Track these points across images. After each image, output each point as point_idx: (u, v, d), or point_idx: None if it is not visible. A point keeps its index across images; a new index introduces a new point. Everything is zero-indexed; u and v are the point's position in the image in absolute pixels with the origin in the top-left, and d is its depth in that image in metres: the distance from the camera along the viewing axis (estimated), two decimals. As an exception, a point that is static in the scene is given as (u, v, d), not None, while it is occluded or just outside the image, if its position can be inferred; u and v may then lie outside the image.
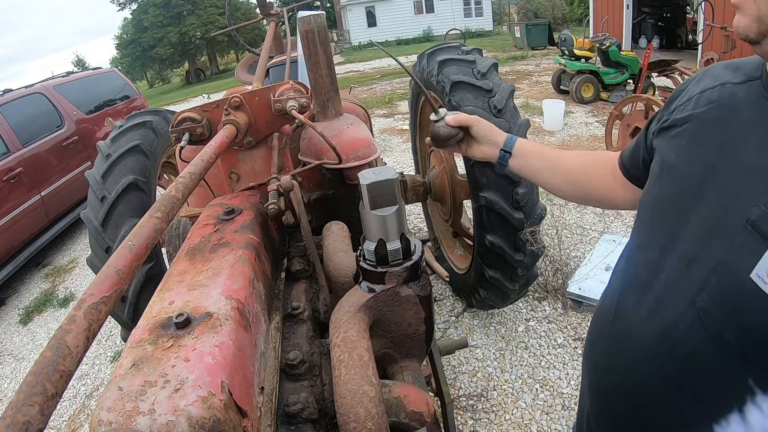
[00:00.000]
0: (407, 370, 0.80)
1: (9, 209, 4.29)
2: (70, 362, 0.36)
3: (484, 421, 2.05)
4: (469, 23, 23.38)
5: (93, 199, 2.16)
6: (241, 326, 0.63)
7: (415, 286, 0.74)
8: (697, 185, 0.60)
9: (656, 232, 0.67)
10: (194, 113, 1.16)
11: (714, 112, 0.62)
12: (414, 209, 4.01)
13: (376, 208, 0.68)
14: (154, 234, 0.55)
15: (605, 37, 7.11)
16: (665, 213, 0.65)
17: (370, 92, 10.62)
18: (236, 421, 0.51)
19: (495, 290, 2.16)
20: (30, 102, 5.11)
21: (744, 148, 0.56)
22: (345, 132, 1.49)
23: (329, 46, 1.52)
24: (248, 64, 3.75)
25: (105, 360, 3.05)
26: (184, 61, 31.81)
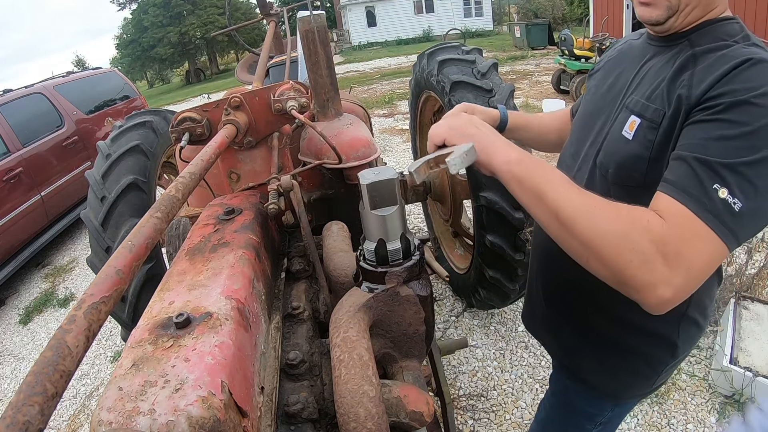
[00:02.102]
0: (407, 370, 0.80)
1: (9, 209, 4.29)
2: (70, 362, 0.36)
3: (484, 421, 2.05)
4: (469, 23, 23.38)
5: (93, 199, 2.16)
6: (241, 326, 0.63)
7: (415, 286, 0.74)
8: (602, 98, 0.91)
9: (578, 134, 0.96)
10: (194, 113, 1.16)
11: (617, 55, 0.94)
12: (414, 209, 4.01)
13: (376, 208, 0.68)
14: (154, 234, 0.55)
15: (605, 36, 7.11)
16: (584, 122, 0.95)
17: (370, 92, 10.62)
18: (236, 421, 0.51)
19: (495, 290, 2.16)
20: (30, 102, 5.11)
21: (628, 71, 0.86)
22: (345, 132, 1.49)
23: (329, 46, 1.52)
24: (248, 64, 3.75)
25: (105, 360, 3.05)
26: (184, 61, 31.82)
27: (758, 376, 1.87)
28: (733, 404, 1.94)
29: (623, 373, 0.96)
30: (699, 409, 1.95)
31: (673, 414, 1.95)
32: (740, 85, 0.64)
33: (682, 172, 0.65)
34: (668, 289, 0.61)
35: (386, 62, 16.88)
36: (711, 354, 2.16)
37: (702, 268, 0.63)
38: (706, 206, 0.62)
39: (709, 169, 0.62)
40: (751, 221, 0.62)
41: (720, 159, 0.62)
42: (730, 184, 0.61)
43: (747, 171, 0.61)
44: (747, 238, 0.64)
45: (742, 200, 0.61)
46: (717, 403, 1.96)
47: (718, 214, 0.61)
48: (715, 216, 0.61)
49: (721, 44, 0.70)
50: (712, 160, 0.62)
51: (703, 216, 0.62)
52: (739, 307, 2.26)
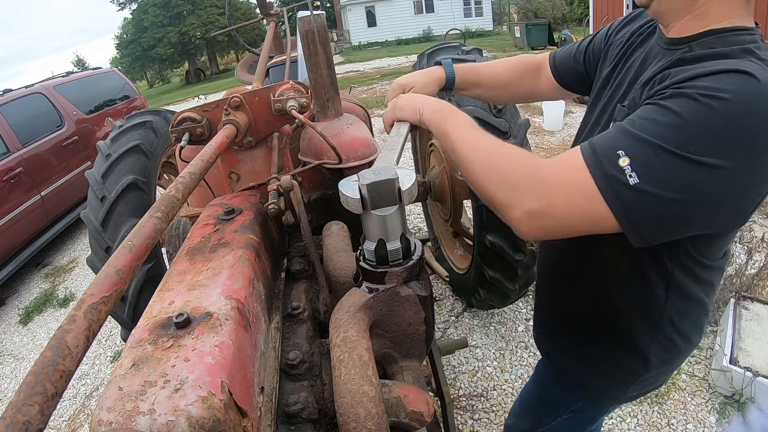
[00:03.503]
0: (407, 370, 0.80)
1: (9, 209, 4.29)
2: (70, 362, 0.36)
3: (484, 421, 2.05)
4: (469, 23, 23.39)
5: (93, 199, 2.16)
6: (241, 326, 0.63)
7: (415, 286, 0.74)
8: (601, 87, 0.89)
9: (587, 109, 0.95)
10: (194, 113, 1.16)
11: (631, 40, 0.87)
12: (414, 209, 4.01)
13: (376, 208, 0.68)
14: (154, 234, 0.55)
15: (605, 37, 7.09)
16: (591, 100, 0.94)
17: (370, 92, 10.62)
18: (236, 421, 0.51)
19: (495, 290, 2.16)
20: (30, 102, 5.11)
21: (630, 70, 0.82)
22: (345, 132, 1.49)
23: (329, 46, 1.52)
24: (248, 64, 3.75)
25: (105, 360, 3.05)
26: (184, 61, 31.82)
27: (758, 376, 1.87)
28: (733, 404, 1.94)
29: (598, 372, 0.98)
30: (699, 409, 1.95)
31: (673, 414, 1.95)
32: (698, 83, 0.60)
33: (605, 134, 0.65)
34: (519, 210, 0.67)
35: (386, 62, 16.87)
36: (711, 354, 2.16)
37: (570, 212, 0.64)
38: (601, 165, 0.61)
39: (625, 136, 0.61)
40: (646, 205, 0.60)
41: (640, 133, 0.60)
42: (636, 157, 0.59)
43: (661, 156, 0.58)
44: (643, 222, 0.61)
45: (641, 178, 0.59)
46: (717, 403, 1.96)
47: (608, 177, 0.60)
48: (605, 178, 0.61)
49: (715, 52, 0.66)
50: (632, 131, 0.61)
51: (593, 171, 0.62)
52: (739, 307, 2.26)
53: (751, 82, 0.57)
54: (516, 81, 1.10)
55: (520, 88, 1.11)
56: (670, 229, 0.63)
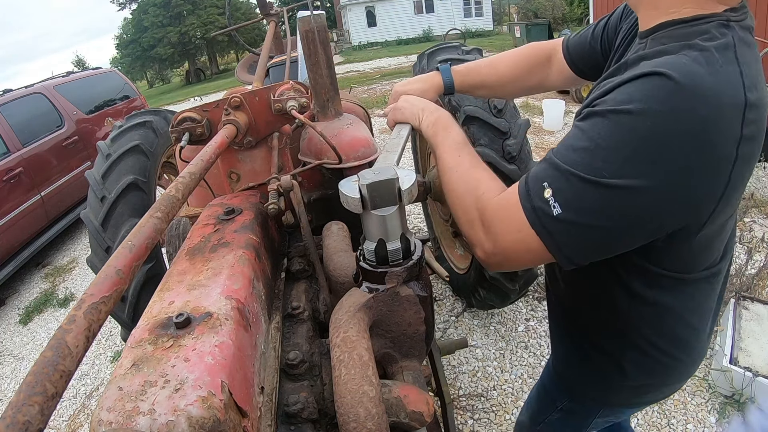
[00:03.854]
0: (407, 370, 0.80)
1: (9, 209, 4.29)
2: (70, 362, 0.36)
3: (484, 421, 2.05)
4: (469, 23, 23.39)
5: (93, 199, 2.16)
6: (241, 326, 0.63)
7: (415, 286, 0.74)
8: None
9: None
10: (194, 113, 1.16)
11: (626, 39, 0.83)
12: (414, 209, 4.01)
13: (376, 208, 0.68)
14: (154, 234, 0.55)
15: (605, 37, 7.09)
16: None
17: (370, 92, 10.61)
18: (236, 421, 0.51)
19: (495, 290, 2.16)
20: (30, 102, 5.11)
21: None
22: (345, 132, 1.49)
23: (329, 46, 1.52)
24: (248, 64, 3.75)
25: (105, 360, 3.05)
26: (184, 61, 31.83)
27: (758, 376, 1.87)
28: (733, 404, 1.94)
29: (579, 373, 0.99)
30: (699, 409, 1.95)
31: (673, 414, 1.95)
32: (609, 96, 0.58)
33: (538, 164, 0.67)
34: (481, 251, 0.71)
35: (386, 62, 16.87)
36: (711, 354, 2.16)
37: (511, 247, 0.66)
38: (530, 198, 0.63)
39: (549, 167, 0.62)
40: (571, 233, 0.61)
41: (560, 162, 0.61)
42: (556, 188, 0.60)
43: (577, 184, 0.58)
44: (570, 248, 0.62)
45: (563, 208, 0.60)
46: (717, 403, 1.96)
47: (535, 209, 0.62)
48: (533, 210, 0.63)
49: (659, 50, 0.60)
50: (555, 160, 0.62)
51: (524, 204, 0.64)
52: (739, 307, 2.26)
53: (662, 86, 0.54)
54: (523, 75, 1.06)
55: (529, 82, 1.07)
56: (596, 252, 0.64)
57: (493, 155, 1.84)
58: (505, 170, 1.84)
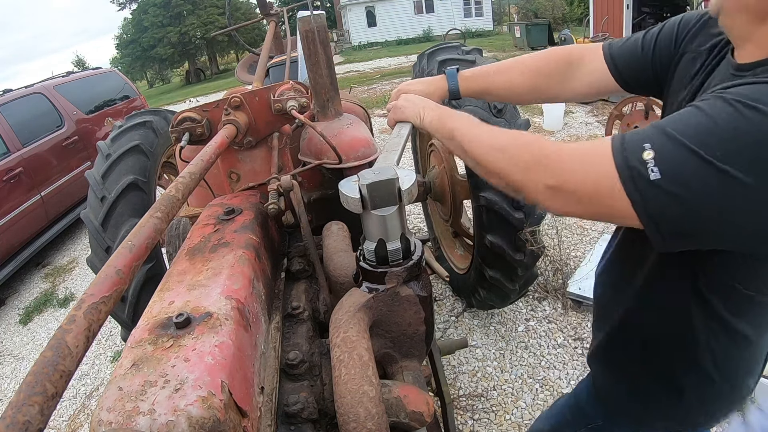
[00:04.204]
0: (407, 370, 0.80)
1: (9, 209, 4.29)
2: (70, 362, 0.36)
3: (484, 421, 2.05)
4: (469, 23, 23.39)
5: (93, 199, 2.16)
6: (241, 326, 0.63)
7: (415, 286, 0.74)
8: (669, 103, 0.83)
9: None
10: (194, 113, 1.16)
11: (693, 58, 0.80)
12: (414, 209, 4.01)
13: (376, 208, 0.68)
14: (154, 234, 0.55)
15: (605, 36, 7.11)
16: None
17: (370, 92, 10.62)
18: (236, 421, 0.51)
19: (495, 290, 2.16)
20: (30, 102, 5.11)
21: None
22: (345, 132, 1.49)
23: (329, 46, 1.52)
24: (248, 64, 3.75)
25: (105, 360, 3.05)
26: (184, 61, 31.83)
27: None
28: (733, 404, 1.94)
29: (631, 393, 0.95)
30: (699, 409, 1.95)
31: (673, 414, 1.95)
32: (739, 90, 0.57)
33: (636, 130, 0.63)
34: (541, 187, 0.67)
35: (386, 62, 16.87)
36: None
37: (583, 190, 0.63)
38: (625, 155, 0.60)
39: (655, 131, 0.59)
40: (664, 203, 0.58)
41: (670, 129, 0.58)
42: (660, 152, 0.57)
43: (682, 153, 0.56)
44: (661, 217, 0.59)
45: (662, 174, 0.57)
46: (717, 403, 1.96)
47: (630, 168, 0.59)
48: (628, 168, 0.59)
49: None
50: (664, 127, 0.59)
51: (616, 158, 0.60)
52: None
53: None
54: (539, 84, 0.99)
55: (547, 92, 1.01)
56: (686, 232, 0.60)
57: (493, 155, 1.84)
58: (505, 170, 1.84)
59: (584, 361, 2.27)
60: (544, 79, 0.98)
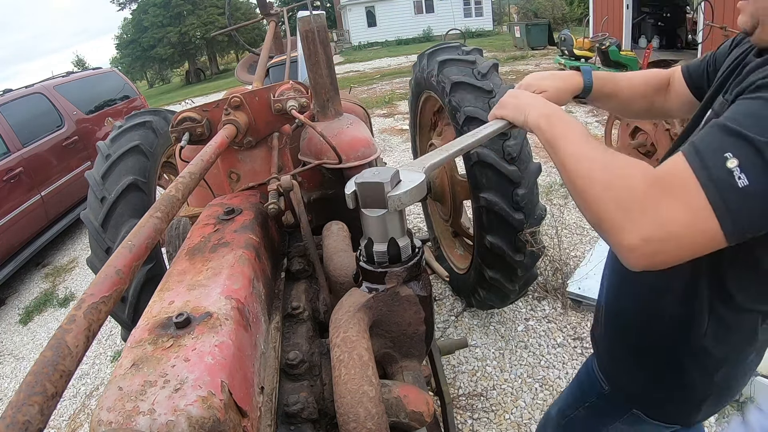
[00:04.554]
0: (407, 370, 0.80)
1: (9, 209, 4.29)
2: (70, 362, 0.36)
3: (484, 421, 2.05)
4: (469, 23, 23.39)
5: (93, 199, 2.16)
6: (241, 326, 0.63)
7: (415, 286, 0.74)
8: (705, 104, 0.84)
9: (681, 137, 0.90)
10: (194, 113, 1.16)
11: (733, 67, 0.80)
12: (414, 209, 4.01)
13: (365, 207, 0.68)
14: (154, 234, 0.55)
15: (605, 37, 7.12)
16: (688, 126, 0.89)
17: (370, 92, 10.62)
18: (236, 421, 0.51)
19: (495, 290, 2.16)
20: (30, 102, 5.11)
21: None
22: (345, 132, 1.49)
23: (329, 46, 1.52)
24: (248, 64, 3.75)
25: (105, 360, 3.05)
26: (184, 61, 31.83)
27: (758, 376, 1.87)
28: (733, 404, 1.94)
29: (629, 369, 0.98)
30: (699, 409, 1.95)
31: (672, 414, 1.95)
32: None
33: (704, 134, 0.61)
34: (634, 236, 0.61)
35: (386, 62, 16.88)
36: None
37: (680, 229, 0.59)
38: (708, 169, 0.57)
39: (730, 136, 0.57)
40: (756, 205, 0.56)
41: (745, 130, 0.56)
42: (744, 156, 0.55)
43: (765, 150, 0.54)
44: (748, 227, 0.58)
45: (751, 178, 0.55)
46: (717, 403, 1.96)
47: (717, 180, 0.56)
48: (713, 182, 0.56)
49: None
50: (737, 129, 0.57)
51: (700, 176, 0.57)
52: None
53: None
54: (650, 95, 1.03)
55: (654, 103, 1.04)
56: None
57: (493, 156, 1.84)
58: (505, 171, 1.84)
59: (584, 360, 2.27)
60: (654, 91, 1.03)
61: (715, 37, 6.43)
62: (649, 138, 3.54)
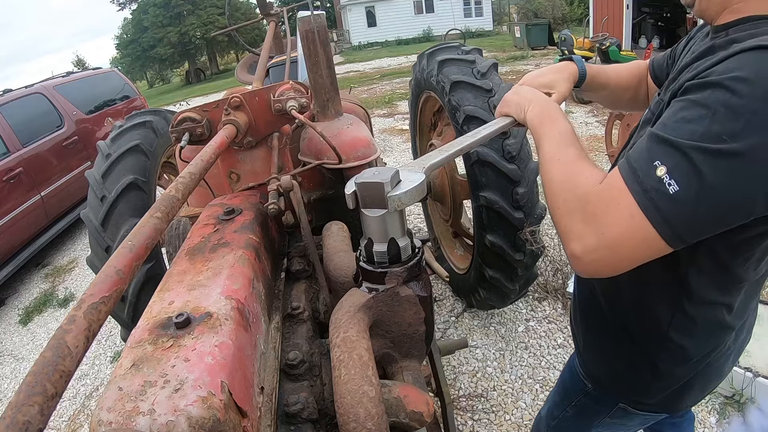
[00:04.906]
0: (407, 370, 0.80)
1: (9, 209, 4.29)
2: (70, 362, 0.36)
3: (484, 422, 2.05)
4: (469, 23, 23.40)
5: (93, 198, 2.16)
6: (241, 326, 0.63)
7: (415, 286, 0.74)
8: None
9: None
10: (194, 113, 1.16)
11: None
12: (414, 209, 4.01)
13: (365, 207, 0.68)
14: (154, 234, 0.55)
15: (605, 37, 7.12)
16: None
17: (370, 92, 10.62)
18: (236, 421, 0.51)
19: (495, 290, 2.16)
20: (30, 102, 5.11)
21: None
22: (345, 132, 1.49)
23: (329, 46, 1.52)
24: (248, 64, 3.75)
25: (105, 360, 3.05)
26: (184, 61, 31.83)
27: (758, 376, 1.87)
28: (733, 404, 1.94)
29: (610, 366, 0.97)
30: (699, 409, 1.95)
31: (673, 414, 1.95)
32: (719, 68, 0.58)
33: (638, 144, 0.63)
34: (578, 245, 0.64)
35: (386, 62, 16.88)
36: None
37: (619, 239, 0.61)
38: (639, 179, 0.59)
39: (659, 144, 0.59)
40: (689, 211, 0.57)
41: (672, 137, 0.58)
42: (672, 163, 0.57)
43: (696, 156, 0.55)
44: (688, 232, 0.59)
45: (680, 184, 0.56)
46: (717, 404, 1.96)
47: (648, 190, 0.58)
48: (645, 191, 0.58)
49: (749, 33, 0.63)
50: (664, 136, 0.59)
51: (632, 188, 0.59)
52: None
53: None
54: (635, 86, 1.05)
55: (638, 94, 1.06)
56: (708, 228, 0.60)
57: (492, 155, 1.84)
58: (505, 170, 1.84)
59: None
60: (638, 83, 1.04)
61: (715, 37, 6.42)
62: (649, 138, 3.53)
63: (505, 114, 0.92)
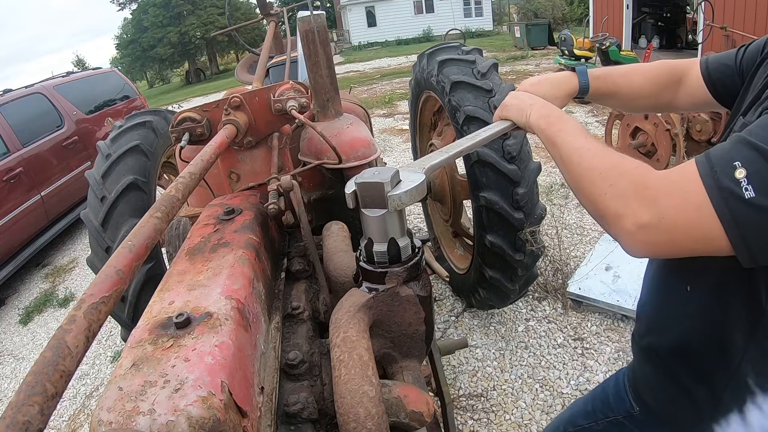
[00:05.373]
0: (407, 370, 0.80)
1: (9, 209, 4.29)
2: (70, 362, 0.36)
3: (484, 421, 2.05)
4: (469, 23, 23.38)
5: (93, 199, 2.16)
6: (241, 326, 0.63)
7: (415, 286, 0.74)
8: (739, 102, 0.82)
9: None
10: (194, 113, 1.16)
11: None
12: (414, 209, 4.01)
13: (365, 207, 0.68)
14: (154, 234, 0.55)
15: (605, 37, 7.12)
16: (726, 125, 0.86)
17: (370, 92, 10.62)
18: (236, 421, 0.51)
19: (495, 290, 2.16)
20: (30, 102, 5.11)
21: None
22: (345, 132, 1.49)
23: (329, 46, 1.52)
24: (248, 64, 3.75)
25: (105, 360, 3.05)
26: (184, 61, 31.83)
27: (758, 376, 1.87)
28: (733, 404, 1.94)
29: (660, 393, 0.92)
30: None
31: (673, 414, 1.95)
32: None
33: (721, 145, 0.60)
34: (632, 223, 0.62)
35: (386, 62, 16.88)
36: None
37: (678, 226, 0.60)
38: (716, 176, 0.57)
39: (743, 147, 0.57)
40: (761, 220, 0.55)
41: (759, 142, 0.55)
42: (752, 168, 0.55)
43: None
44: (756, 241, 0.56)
45: (757, 191, 0.54)
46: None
47: (723, 188, 0.56)
48: (719, 189, 0.56)
49: None
50: (751, 140, 0.56)
51: (706, 182, 0.58)
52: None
53: None
54: (657, 92, 1.00)
55: (660, 99, 1.02)
56: None
57: (492, 155, 1.84)
58: (505, 170, 1.84)
59: (584, 361, 2.27)
60: (660, 88, 1.00)
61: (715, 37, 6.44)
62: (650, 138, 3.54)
63: (505, 118, 0.92)
